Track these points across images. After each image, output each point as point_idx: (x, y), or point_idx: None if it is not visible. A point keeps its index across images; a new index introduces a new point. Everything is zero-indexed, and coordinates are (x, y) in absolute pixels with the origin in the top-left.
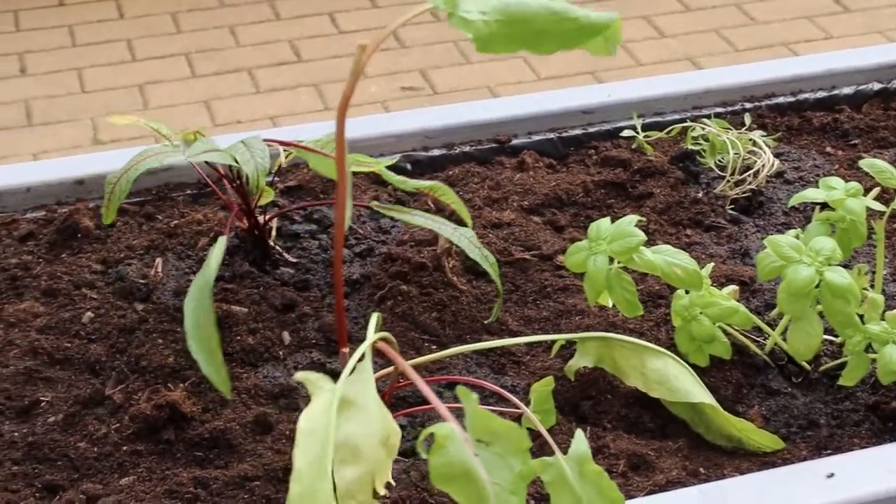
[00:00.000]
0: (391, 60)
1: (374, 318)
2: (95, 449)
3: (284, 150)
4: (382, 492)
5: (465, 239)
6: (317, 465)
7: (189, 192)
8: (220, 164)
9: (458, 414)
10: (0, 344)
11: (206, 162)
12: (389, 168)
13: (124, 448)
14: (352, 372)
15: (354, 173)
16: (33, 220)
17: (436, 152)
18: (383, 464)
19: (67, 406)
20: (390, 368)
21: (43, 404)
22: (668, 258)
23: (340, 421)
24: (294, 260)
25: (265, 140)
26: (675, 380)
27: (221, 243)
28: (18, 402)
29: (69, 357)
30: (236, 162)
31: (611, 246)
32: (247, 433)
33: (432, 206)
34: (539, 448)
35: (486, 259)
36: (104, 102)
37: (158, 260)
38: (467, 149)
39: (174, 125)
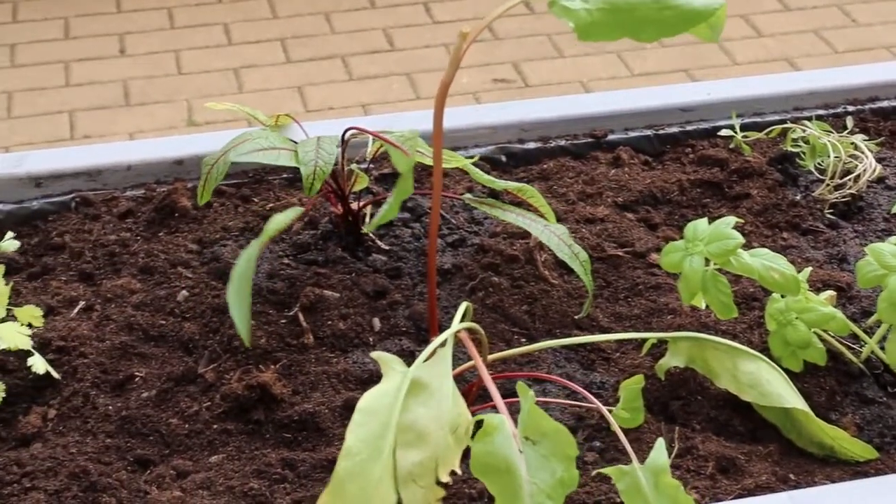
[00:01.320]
0: (484, 52)
1: (463, 308)
2: (187, 426)
3: (374, 140)
4: (445, 479)
5: (555, 237)
6: (372, 444)
7: (285, 175)
8: None
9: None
10: (97, 318)
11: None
12: (484, 159)
13: (215, 426)
14: (430, 357)
15: (427, 166)
16: (133, 198)
17: (531, 145)
18: (450, 451)
19: (160, 382)
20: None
21: (137, 379)
22: (765, 262)
23: (409, 404)
24: (386, 247)
25: (356, 128)
26: (767, 384)
27: (291, 212)
28: (113, 377)
29: (163, 334)
30: (297, 161)
31: (708, 247)
32: (335, 417)
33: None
34: (634, 442)
35: (575, 258)
36: (199, 85)
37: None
38: (563, 143)
39: (267, 110)
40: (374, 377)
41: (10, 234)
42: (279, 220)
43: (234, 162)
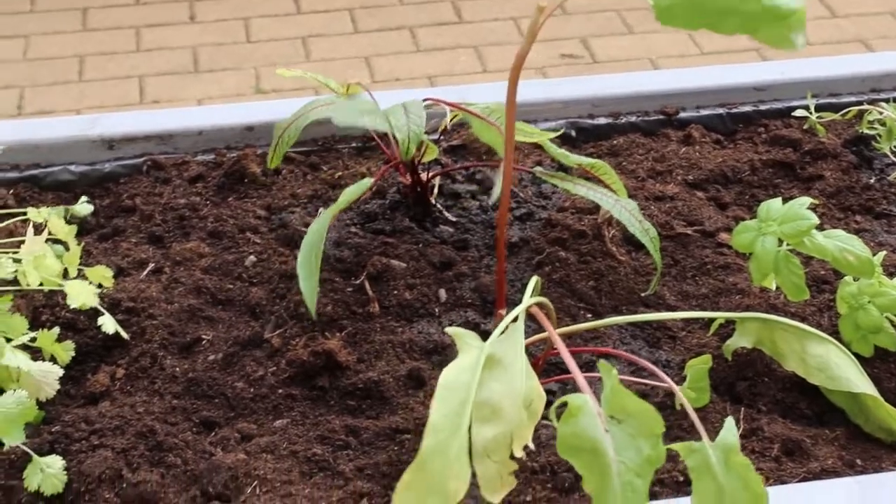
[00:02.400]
0: (552, 26)
1: (533, 282)
2: (252, 390)
3: (450, 111)
4: (520, 454)
5: (627, 212)
6: (453, 419)
7: (354, 144)
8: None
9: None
10: (166, 281)
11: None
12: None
13: (279, 391)
14: (503, 333)
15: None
16: (203, 163)
17: (601, 121)
18: (524, 426)
19: (227, 346)
20: (545, 334)
21: (204, 342)
22: (839, 244)
23: (484, 379)
24: (454, 219)
25: (432, 99)
26: (836, 368)
27: (362, 184)
28: (181, 339)
29: (231, 298)
30: (391, 126)
31: (781, 227)
32: (399, 386)
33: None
34: (691, 426)
35: (646, 233)
36: (267, 52)
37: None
38: (633, 119)
39: (333, 79)
40: (438, 348)
41: (83, 198)
42: (351, 192)
43: (305, 129)
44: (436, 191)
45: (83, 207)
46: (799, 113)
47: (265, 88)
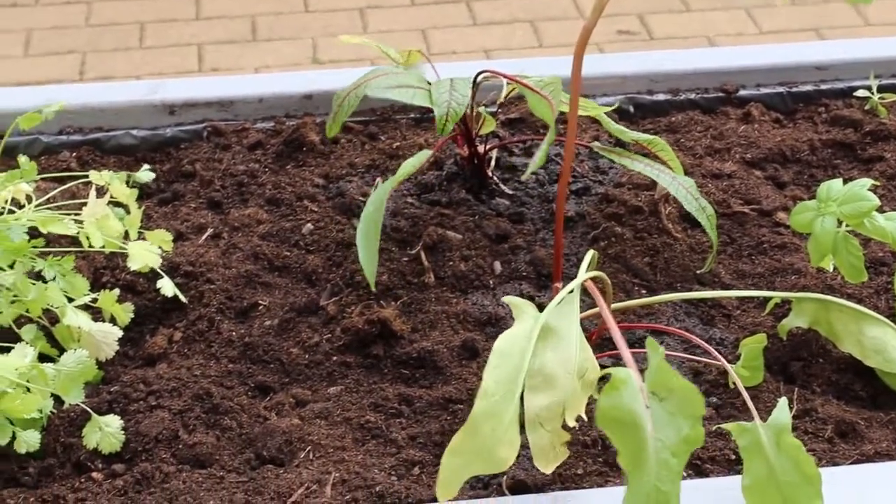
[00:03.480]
0: (610, 3)
1: (589, 256)
2: (307, 356)
3: (508, 84)
4: (572, 424)
5: (683, 189)
6: (506, 386)
7: (412, 115)
8: None
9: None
10: (224, 246)
11: None
12: (611, 110)
13: (334, 358)
14: (559, 304)
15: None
16: (262, 130)
17: (660, 97)
18: (577, 396)
19: (283, 312)
20: (598, 308)
21: (260, 308)
22: None
23: (538, 348)
24: (510, 192)
25: (490, 71)
26: (893, 350)
27: (421, 156)
28: (238, 304)
29: (287, 265)
30: (430, 101)
31: (841, 208)
32: (453, 357)
33: None
34: (743, 405)
35: (702, 211)
36: (325, 23)
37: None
38: (692, 96)
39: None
40: (492, 319)
41: (146, 166)
42: (410, 164)
43: (363, 99)
44: (493, 163)
45: (145, 174)
46: (861, 93)
47: (322, 59)
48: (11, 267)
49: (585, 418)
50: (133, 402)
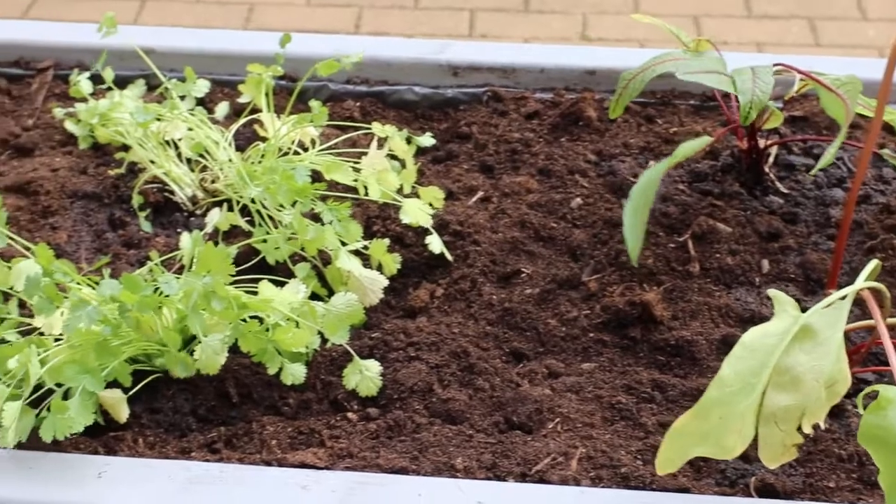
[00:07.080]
0: None
1: (871, 265)
2: (563, 329)
3: (800, 80)
4: (808, 430)
5: None
6: (745, 378)
7: (693, 102)
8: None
9: None
10: (493, 210)
11: None
12: None
13: (591, 335)
14: (826, 308)
15: (862, 116)
16: (541, 101)
17: None
18: (820, 404)
19: (544, 282)
20: (870, 321)
21: (522, 275)
22: None
23: (792, 348)
24: (785, 190)
25: (783, 65)
26: None
27: (701, 141)
28: (501, 269)
29: (553, 237)
30: (735, 88)
31: None
32: (711, 349)
33: None
34: None
35: None
36: (597, 0)
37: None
38: None
39: (662, 36)
40: (755, 317)
41: (428, 133)
42: (688, 147)
43: (652, 80)
44: (771, 160)
45: (426, 139)
46: None
47: (590, 36)
48: (292, 206)
49: (823, 426)
50: (392, 350)
